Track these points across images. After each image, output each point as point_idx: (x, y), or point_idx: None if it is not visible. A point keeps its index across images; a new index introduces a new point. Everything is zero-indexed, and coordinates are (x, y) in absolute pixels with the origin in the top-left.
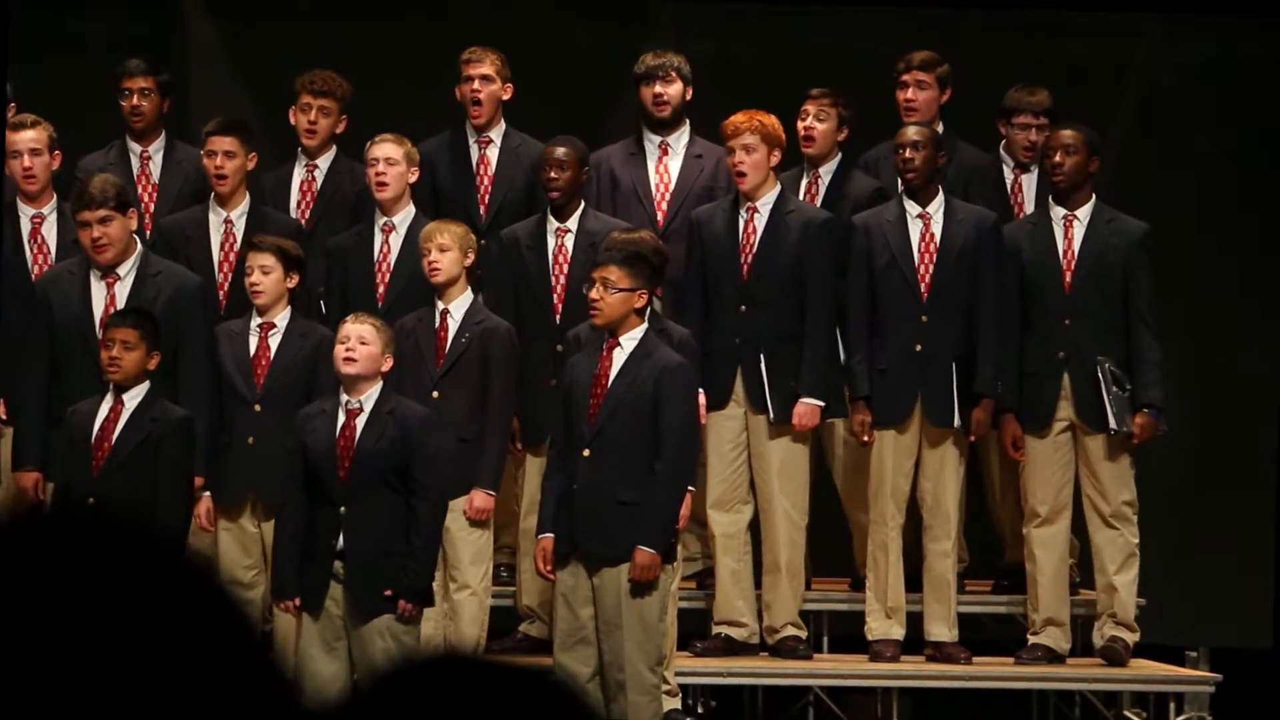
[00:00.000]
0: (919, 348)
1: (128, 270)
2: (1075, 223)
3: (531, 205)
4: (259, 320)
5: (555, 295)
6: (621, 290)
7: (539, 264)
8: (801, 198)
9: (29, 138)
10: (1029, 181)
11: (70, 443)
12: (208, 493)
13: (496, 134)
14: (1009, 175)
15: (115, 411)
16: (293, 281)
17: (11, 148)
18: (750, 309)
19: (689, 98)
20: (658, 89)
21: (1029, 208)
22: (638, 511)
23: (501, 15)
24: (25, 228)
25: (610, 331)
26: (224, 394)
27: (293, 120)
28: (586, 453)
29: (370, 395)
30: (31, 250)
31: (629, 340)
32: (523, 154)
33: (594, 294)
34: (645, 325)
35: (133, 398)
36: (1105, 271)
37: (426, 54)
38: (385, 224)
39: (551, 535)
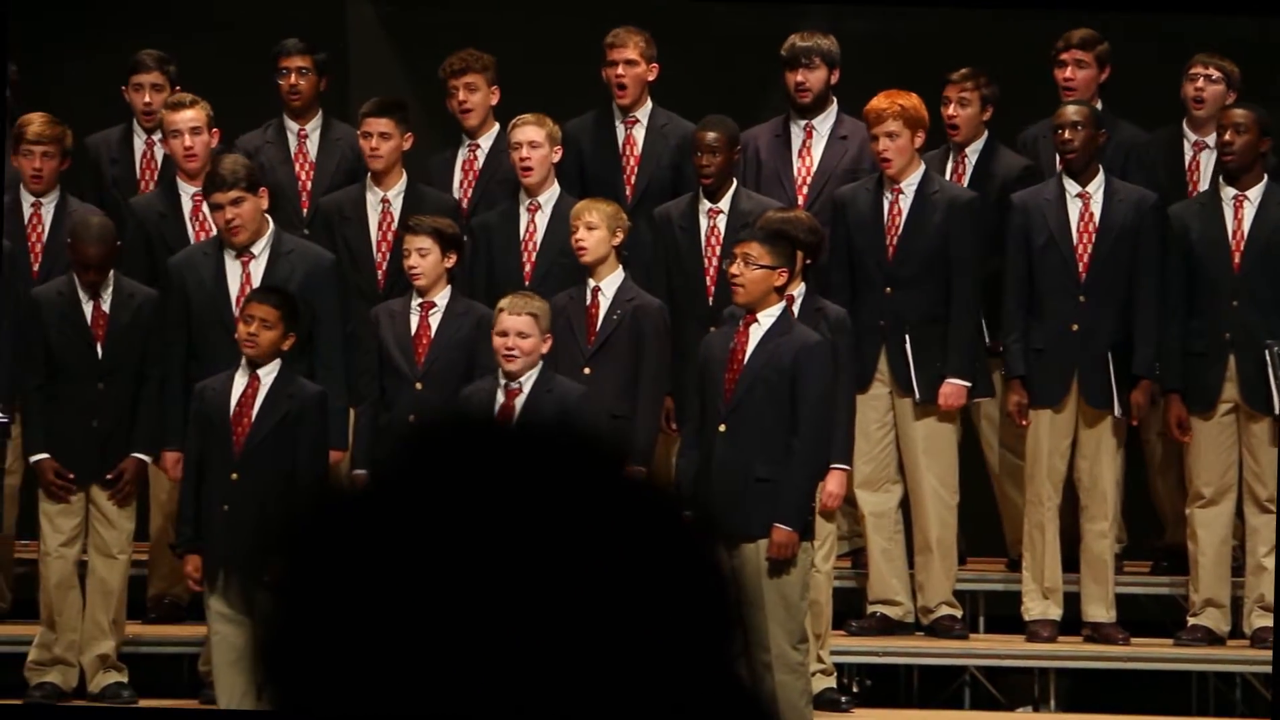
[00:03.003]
0: (1076, 328)
1: (262, 249)
2: (1246, 203)
3: (678, 185)
4: (419, 300)
5: (708, 276)
6: (762, 267)
7: (691, 245)
8: (948, 178)
9: (189, 117)
10: (1207, 159)
11: (206, 419)
12: (361, 470)
13: (642, 114)
14: (1188, 152)
15: (252, 388)
16: (450, 261)
17: (171, 127)
18: (895, 289)
19: (835, 81)
20: (800, 76)
21: (1204, 187)
22: (774, 489)
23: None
24: (187, 206)
25: (748, 307)
26: (385, 373)
27: (450, 108)
28: (722, 429)
29: (530, 376)
30: (194, 227)
31: (766, 317)
32: (669, 133)
33: (734, 270)
34: (783, 303)
35: (268, 374)
36: (1276, 253)
37: (581, 32)
38: (531, 203)
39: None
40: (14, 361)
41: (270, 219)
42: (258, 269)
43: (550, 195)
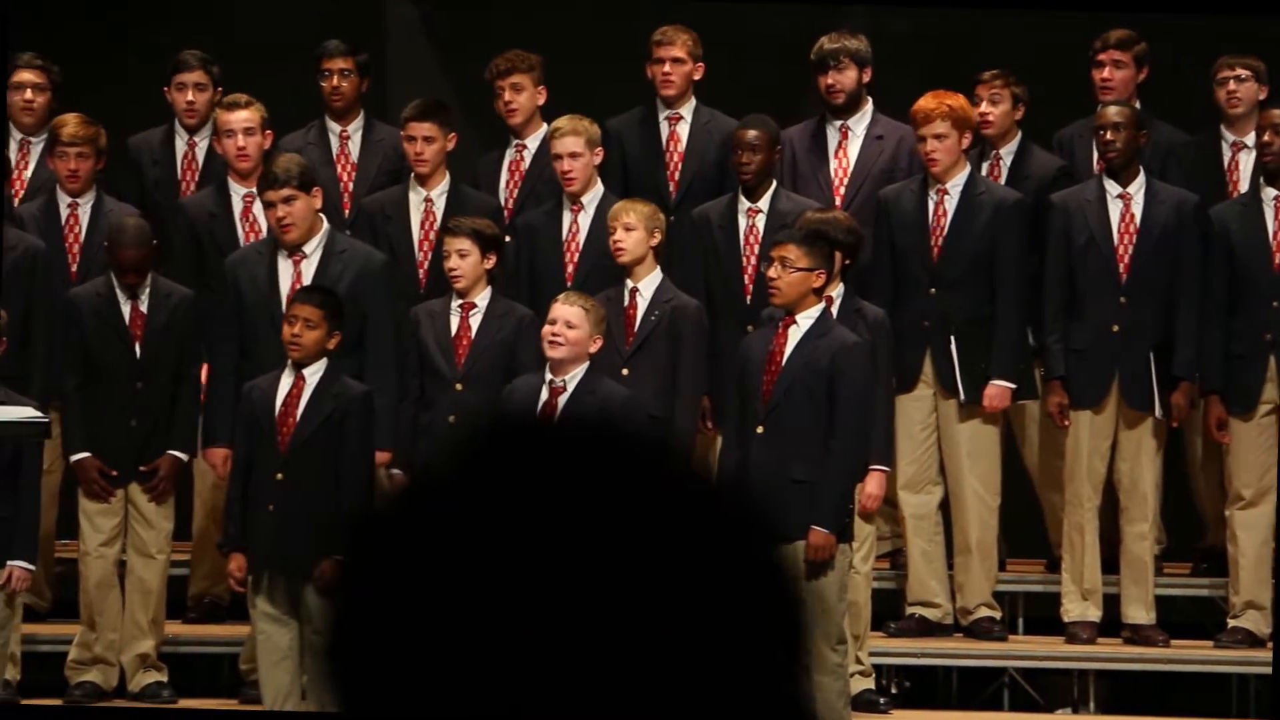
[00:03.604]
0: (1116, 329)
1: (314, 248)
2: None
3: (722, 182)
4: (459, 300)
5: (746, 276)
6: (800, 270)
7: (729, 244)
8: None
9: (242, 118)
10: (1246, 161)
11: (252, 419)
12: (397, 470)
13: (687, 110)
14: (1226, 153)
15: (297, 388)
16: (490, 262)
17: (225, 127)
18: (940, 290)
19: (867, 80)
20: (830, 79)
21: (1244, 188)
22: (812, 490)
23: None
24: (237, 207)
25: (787, 309)
26: (425, 374)
27: (497, 109)
28: (760, 430)
29: (575, 375)
30: (244, 229)
31: (805, 319)
32: (713, 130)
33: (772, 272)
34: (822, 304)
35: (313, 374)
36: None
37: (623, 30)
38: (574, 204)
39: None
40: (52, 362)
41: (324, 218)
42: (309, 268)
43: (594, 196)
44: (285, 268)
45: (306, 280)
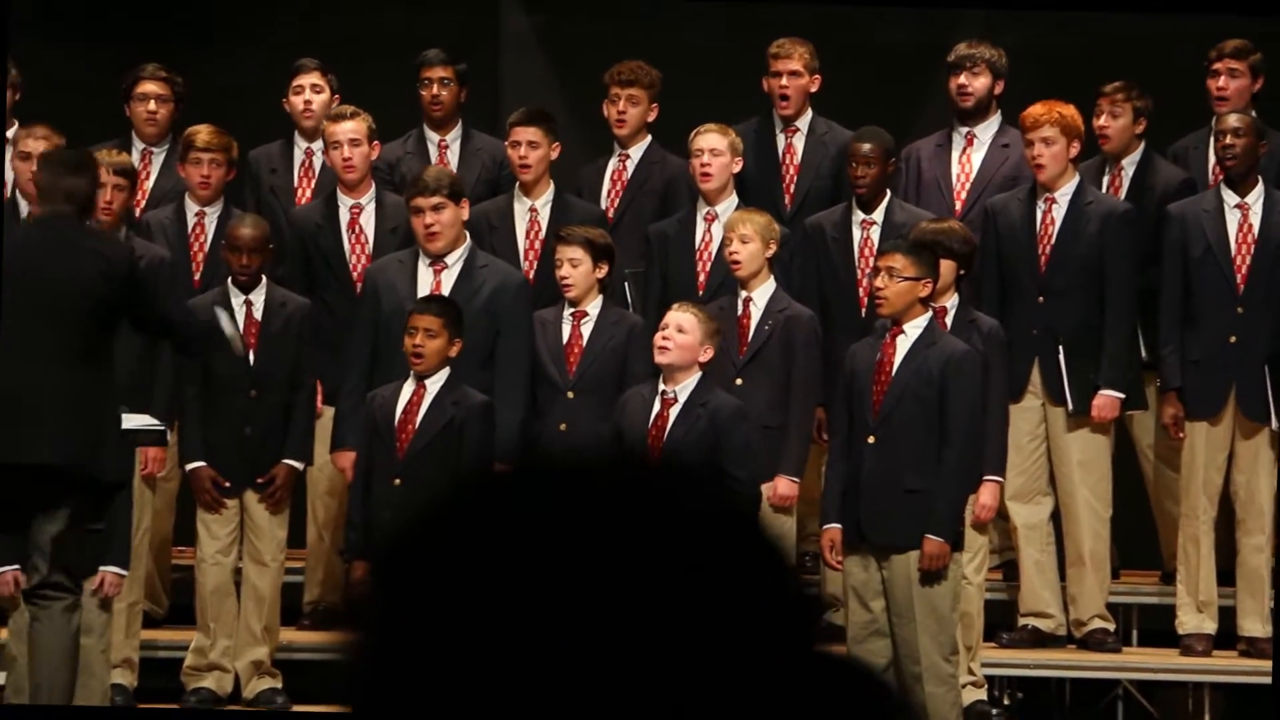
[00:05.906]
0: (1234, 339)
1: (455, 260)
2: None
3: (837, 193)
4: (571, 309)
5: (860, 287)
6: (906, 279)
7: (843, 255)
8: (1104, 190)
9: (349, 129)
10: None
11: (374, 427)
12: None
13: (803, 123)
14: None
15: (418, 396)
16: (602, 271)
17: (331, 139)
18: (1048, 299)
19: (999, 91)
20: (962, 80)
21: None
22: (925, 499)
23: (812, 6)
24: (344, 218)
25: (894, 319)
26: (537, 382)
27: (605, 113)
28: (871, 440)
29: (687, 385)
30: (349, 240)
31: (913, 328)
32: (829, 141)
33: (879, 282)
34: (929, 314)
35: (434, 382)
36: None
37: (738, 44)
38: (708, 213)
39: (838, 525)
40: (178, 373)
41: (468, 233)
42: (449, 279)
43: (728, 206)
44: (425, 276)
45: (445, 291)
